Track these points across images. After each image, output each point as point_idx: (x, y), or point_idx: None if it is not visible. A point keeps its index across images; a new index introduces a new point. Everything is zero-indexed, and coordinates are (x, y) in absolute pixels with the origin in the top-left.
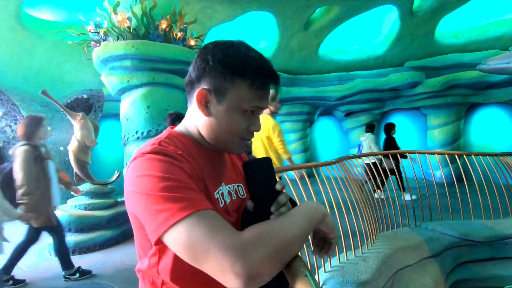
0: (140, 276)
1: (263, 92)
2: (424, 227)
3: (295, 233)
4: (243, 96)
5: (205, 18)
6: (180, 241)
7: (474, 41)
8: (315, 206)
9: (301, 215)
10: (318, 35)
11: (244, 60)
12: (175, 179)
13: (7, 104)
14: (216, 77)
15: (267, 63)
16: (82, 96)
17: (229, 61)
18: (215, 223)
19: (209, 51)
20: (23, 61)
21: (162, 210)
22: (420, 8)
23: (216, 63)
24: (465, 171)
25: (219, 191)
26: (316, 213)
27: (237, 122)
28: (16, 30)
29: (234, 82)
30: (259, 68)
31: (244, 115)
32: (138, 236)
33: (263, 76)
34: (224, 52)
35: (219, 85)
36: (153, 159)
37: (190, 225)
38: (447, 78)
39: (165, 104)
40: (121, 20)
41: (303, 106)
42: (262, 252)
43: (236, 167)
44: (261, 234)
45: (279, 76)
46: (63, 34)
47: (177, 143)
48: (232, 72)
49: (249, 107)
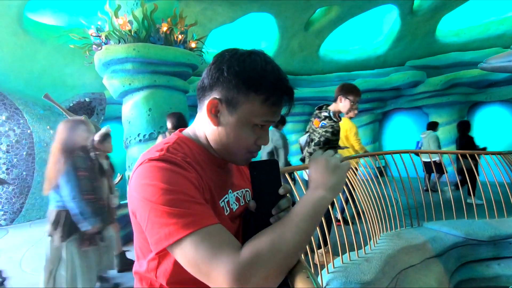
0: (137, 278)
1: (276, 108)
2: (427, 227)
3: (297, 240)
4: (256, 111)
5: (205, 20)
6: (183, 258)
7: (475, 40)
8: (319, 196)
9: (304, 214)
10: (318, 35)
11: (261, 75)
12: (180, 192)
13: (10, 108)
14: (230, 89)
15: (284, 79)
16: (84, 99)
17: (244, 75)
18: (218, 240)
19: (225, 61)
20: (25, 65)
21: (166, 224)
22: (420, 7)
23: (231, 75)
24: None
25: (224, 199)
26: (320, 205)
27: (246, 136)
28: (18, 35)
29: (248, 96)
30: (275, 84)
31: (254, 128)
32: (139, 238)
33: (278, 93)
34: (240, 64)
35: (232, 97)
36: (160, 168)
37: (193, 243)
38: (448, 77)
39: (167, 107)
40: (122, 23)
41: (304, 107)
42: (262, 273)
43: (243, 172)
44: (260, 253)
45: (294, 92)
46: (64, 38)
47: (186, 149)
48: (247, 87)
49: (260, 121)
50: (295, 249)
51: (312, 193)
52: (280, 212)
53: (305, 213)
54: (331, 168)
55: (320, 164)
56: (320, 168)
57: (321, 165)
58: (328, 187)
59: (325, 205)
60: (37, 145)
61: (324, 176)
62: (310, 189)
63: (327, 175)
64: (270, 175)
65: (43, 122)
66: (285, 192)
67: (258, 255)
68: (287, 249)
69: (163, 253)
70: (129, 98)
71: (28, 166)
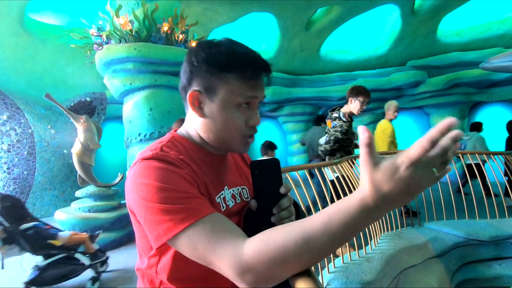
0: (140, 275)
1: (254, 82)
2: (428, 227)
3: (299, 251)
4: (234, 90)
5: (206, 20)
6: (185, 251)
7: (476, 40)
8: (348, 208)
9: (318, 226)
10: (319, 35)
11: (228, 55)
12: (174, 189)
13: (11, 108)
14: (204, 77)
15: (254, 53)
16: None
17: (212, 58)
18: (216, 230)
19: (193, 53)
20: (27, 65)
21: (163, 221)
22: (421, 7)
23: (200, 63)
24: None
25: (220, 195)
26: (345, 222)
27: (233, 118)
28: (19, 35)
29: (222, 77)
30: (245, 60)
31: (240, 109)
32: (139, 236)
33: (251, 66)
34: (206, 50)
35: (208, 83)
36: (154, 167)
37: (192, 236)
38: (450, 77)
39: (168, 106)
40: (123, 23)
41: (305, 107)
42: (262, 275)
43: (241, 169)
44: (261, 254)
45: (270, 64)
46: (66, 38)
47: (179, 147)
48: (218, 69)
49: (242, 99)
50: (297, 256)
51: (363, 198)
52: (281, 211)
53: (324, 226)
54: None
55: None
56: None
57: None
58: (390, 200)
59: (367, 221)
60: (38, 145)
61: (399, 184)
62: (364, 192)
63: (403, 186)
64: (271, 174)
65: (44, 122)
66: (286, 191)
67: (260, 255)
68: (288, 256)
69: (164, 247)
70: (130, 98)
71: (29, 166)
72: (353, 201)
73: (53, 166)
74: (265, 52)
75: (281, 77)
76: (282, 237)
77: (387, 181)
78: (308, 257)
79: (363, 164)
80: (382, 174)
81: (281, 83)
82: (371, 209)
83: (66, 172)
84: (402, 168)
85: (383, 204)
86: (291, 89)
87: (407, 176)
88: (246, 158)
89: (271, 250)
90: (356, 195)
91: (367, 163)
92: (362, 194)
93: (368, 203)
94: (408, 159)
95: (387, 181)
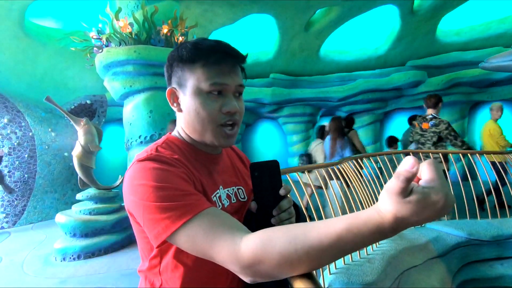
0: (142, 276)
1: (219, 67)
2: (429, 227)
3: (299, 259)
4: (200, 77)
5: (206, 22)
6: (185, 246)
7: (476, 39)
8: (361, 231)
9: (325, 241)
10: (319, 36)
11: (193, 48)
12: (170, 188)
13: (11, 111)
14: (175, 72)
15: (222, 42)
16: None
17: (180, 53)
18: (213, 224)
19: (169, 55)
20: (27, 68)
21: (161, 219)
22: (420, 7)
23: (171, 60)
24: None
25: (216, 194)
26: (376, 233)
27: (203, 106)
28: (19, 38)
29: (190, 68)
30: (209, 48)
31: (210, 97)
32: (139, 239)
33: (215, 52)
34: (175, 49)
35: (179, 78)
36: (149, 167)
37: (189, 232)
38: (449, 77)
39: (168, 108)
40: (123, 26)
41: (305, 108)
42: (261, 272)
43: (237, 170)
44: (261, 254)
45: (238, 50)
46: (66, 41)
47: (174, 148)
48: (185, 61)
49: (209, 86)
50: (300, 260)
51: (381, 224)
52: (281, 213)
53: (329, 238)
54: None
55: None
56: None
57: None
58: (409, 226)
59: (377, 241)
60: (39, 148)
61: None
62: (384, 220)
63: (423, 208)
64: (271, 176)
65: (44, 125)
66: (286, 193)
67: (258, 255)
68: (287, 259)
69: (164, 247)
70: (130, 100)
71: (30, 169)
72: (368, 225)
73: (53, 169)
74: (265, 54)
75: (281, 78)
76: (283, 243)
77: (416, 215)
78: (309, 266)
79: (391, 193)
80: (411, 208)
81: (280, 84)
82: (386, 234)
83: (67, 175)
84: (439, 206)
85: (400, 229)
86: (290, 90)
87: (440, 211)
88: (245, 160)
89: (270, 253)
90: (372, 220)
91: (397, 195)
92: (381, 220)
93: (385, 229)
94: (450, 200)
95: (414, 215)
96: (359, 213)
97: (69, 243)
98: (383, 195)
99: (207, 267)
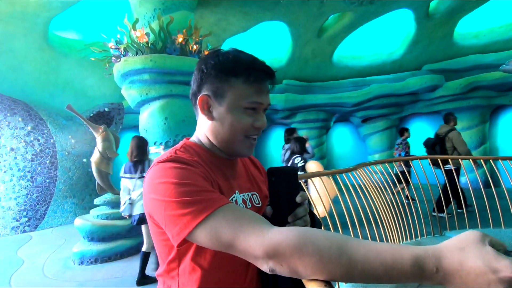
0: (160, 280)
1: (258, 86)
2: (449, 235)
3: (336, 270)
4: (241, 94)
5: (219, 30)
6: (205, 241)
7: (496, 41)
8: (404, 273)
9: (372, 258)
10: (331, 42)
11: (235, 60)
12: (190, 184)
13: (35, 119)
14: (213, 82)
15: (258, 60)
16: (104, 109)
17: (220, 64)
18: (238, 216)
19: (203, 61)
20: (50, 78)
21: (182, 214)
22: (436, 11)
23: (209, 68)
24: (492, 177)
25: (232, 198)
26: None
27: (239, 120)
28: (44, 50)
29: (230, 82)
30: (250, 64)
31: (246, 112)
32: (157, 242)
33: (256, 70)
34: (215, 58)
35: (216, 88)
36: (169, 167)
37: (212, 225)
38: (468, 80)
39: (182, 115)
40: (140, 35)
41: (319, 113)
42: (287, 265)
43: (252, 176)
44: (296, 249)
45: (274, 70)
46: (86, 52)
47: (192, 152)
48: (226, 74)
49: (248, 103)
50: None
51: (429, 277)
52: (296, 220)
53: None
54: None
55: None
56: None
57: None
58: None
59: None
60: (59, 154)
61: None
62: (432, 275)
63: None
64: (288, 183)
65: (65, 132)
66: (302, 200)
67: (298, 248)
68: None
69: (182, 249)
70: (146, 108)
71: (51, 174)
72: (413, 273)
73: (73, 174)
74: (278, 60)
75: (294, 84)
76: (325, 245)
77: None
78: (340, 276)
79: (496, 272)
80: (471, 275)
81: (294, 90)
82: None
83: (86, 181)
84: (501, 274)
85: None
86: (304, 96)
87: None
88: (259, 166)
89: (310, 249)
90: (419, 267)
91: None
92: (429, 275)
93: (427, 279)
94: None
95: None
96: (407, 255)
97: (87, 247)
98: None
99: (224, 270)
